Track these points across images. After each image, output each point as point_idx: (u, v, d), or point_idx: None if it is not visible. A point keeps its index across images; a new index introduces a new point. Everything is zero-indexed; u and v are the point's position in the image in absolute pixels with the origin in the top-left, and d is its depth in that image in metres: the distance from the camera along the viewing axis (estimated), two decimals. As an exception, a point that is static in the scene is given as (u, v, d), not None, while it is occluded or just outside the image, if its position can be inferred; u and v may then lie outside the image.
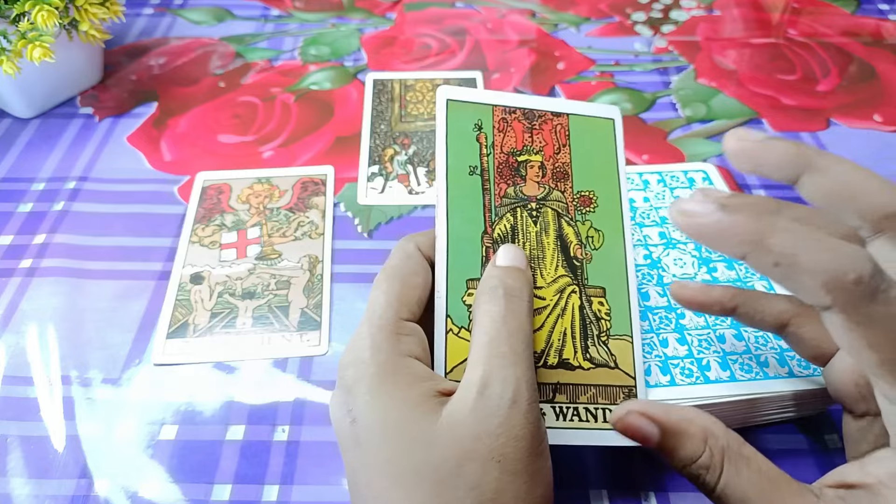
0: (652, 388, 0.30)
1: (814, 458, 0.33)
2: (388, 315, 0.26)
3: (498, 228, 0.28)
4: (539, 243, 0.29)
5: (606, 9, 0.68)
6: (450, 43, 0.63)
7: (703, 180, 0.40)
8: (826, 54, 0.61)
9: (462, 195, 0.28)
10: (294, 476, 0.33)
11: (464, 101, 0.30)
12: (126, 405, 0.36)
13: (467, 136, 0.29)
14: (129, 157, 0.51)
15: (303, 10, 0.68)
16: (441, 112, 0.29)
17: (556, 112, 0.31)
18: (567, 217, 0.29)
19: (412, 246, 0.28)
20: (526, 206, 0.29)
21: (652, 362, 0.31)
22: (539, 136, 0.30)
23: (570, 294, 0.28)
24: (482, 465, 0.22)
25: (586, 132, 0.31)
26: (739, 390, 0.30)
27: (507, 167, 0.29)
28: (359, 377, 0.24)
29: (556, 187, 0.30)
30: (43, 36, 0.46)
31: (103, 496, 0.32)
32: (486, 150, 0.29)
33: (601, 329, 0.28)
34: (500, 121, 0.30)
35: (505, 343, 0.24)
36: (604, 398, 0.27)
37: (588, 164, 0.30)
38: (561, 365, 0.27)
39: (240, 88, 0.57)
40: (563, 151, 0.30)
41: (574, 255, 0.29)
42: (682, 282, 0.31)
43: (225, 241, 0.44)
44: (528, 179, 0.29)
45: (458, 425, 0.22)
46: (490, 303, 0.25)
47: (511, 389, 0.23)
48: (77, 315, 0.40)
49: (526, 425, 0.22)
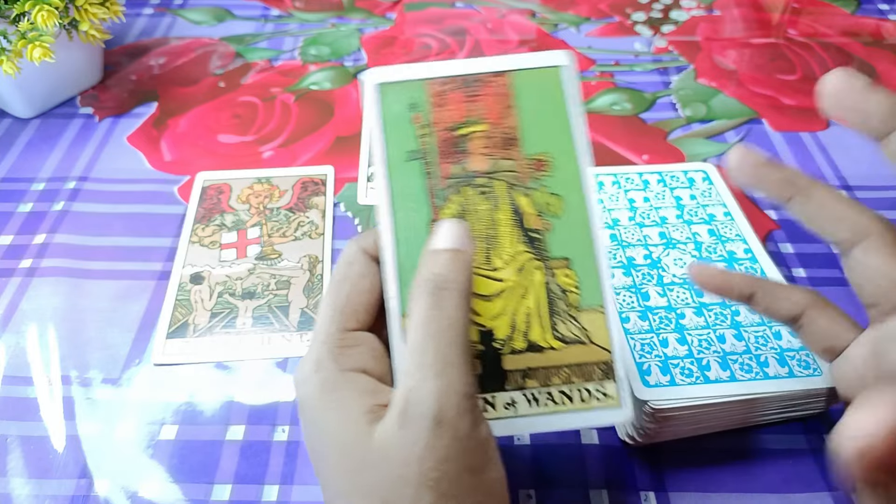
0: (652, 387, 0.30)
1: (814, 458, 0.33)
2: (331, 329, 0.25)
3: (445, 213, 0.26)
4: (492, 221, 0.27)
5: (606, 9, 0.68)
6: (450, 43, 0.63)
7: (703, 180, 0.40)
8: (826, 54, 0.61)
9: (404, 184, 0.26)
10: (294, 476, 0.33)
11: (394, 82, 0.27)
12: (126, 405, 0.36)
13: (403, 120, 0.27)
14: (129, 157, 0.51)
15: (303, 10, 0.68)
16: (371, 99, 0.27)
17: (496, 72, 0.28)
18: (520, 186, 0.27)
19: (355, 251, 0.27)
20: (473, 182, 0.27)
21: (652, 362, 0.31)
22: (481, 103, 0.27)
23: (532, 271, 0.26)
24: (415, 491, 0.21)
25: (532, 87, 0.28)
26: (739, 390, 0.30)
27: (448, 144, 0.27)
28: (304, 395, 0.24)
29: (505, 156, 0.27)
30: (43, 36, 0.46)
31: (103, 496, 0.32)
32: (424, 131, 0.27)
33: (569, 303, 0.26)
34: (436, 95, 0.27)
35: (430, 350, 0.22)
36: (578, 377, 0.26)
37: (538, 124, 0.27)
38: (529, 349, 0.26)
39: (240, 88, 0.57)
40: (508, 115, 0.27)
41: (532, 228, 0.27)
42: (702, 263, 0.30)
43: (225, 241, 0.44)
44: (473, 153, 0.27)
45: (388, 448, 0.22)
46: (416, 302, 0.23)
47: (434, 408, 0.21)
48: (77, 315, 0.40)
49: (454, 443, 0.21)
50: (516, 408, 0.25)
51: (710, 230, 0.37)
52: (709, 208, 0.38)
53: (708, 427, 0.33)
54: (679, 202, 0.39)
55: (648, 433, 0.31)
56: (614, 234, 0.37)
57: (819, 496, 0.32)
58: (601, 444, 0.34)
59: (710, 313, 0.33)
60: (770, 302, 0.29)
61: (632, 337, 0.32)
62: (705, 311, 0.34)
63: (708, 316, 0.33)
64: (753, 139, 0.52)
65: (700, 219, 0.38)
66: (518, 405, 0.26)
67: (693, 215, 0.38)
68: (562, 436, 0.34)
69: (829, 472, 0.33)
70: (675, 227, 0.37)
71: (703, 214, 0.38)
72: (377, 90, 0.27)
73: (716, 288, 0.29)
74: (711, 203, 0.39)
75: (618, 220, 0.38)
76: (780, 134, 0.52)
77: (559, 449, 0.34)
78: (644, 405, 0.30)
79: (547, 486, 0.32)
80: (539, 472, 0.33)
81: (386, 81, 0.27)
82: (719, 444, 0.33)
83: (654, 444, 0.34)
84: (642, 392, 0.30)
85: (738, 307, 0.34)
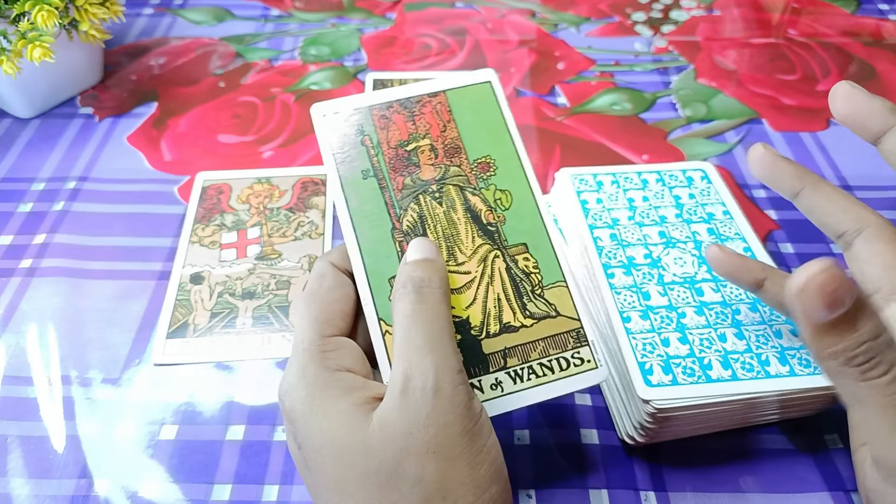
0: (654, 387, 0.30)
1: (814, 458, 0.33)
2: (311, 336, 0.26)
3: (405, 221, 0.29)
4: (450, 221, 0.29)
5: (606, 9, 0.68)
6: (450, 43, 0.63)
7: (702, 179, 0.40)
8: (826, 54, 0.61)
9: (362, 200, 0.29)
10: (294, 476, 0.33)
11: (340, 112, 0.30)
12: (126, 405, 0.36)
13: (352, 143, 0.30)
14: (129, 157, 0.51)
15: (303, 10, 0.68)
16: (320, 129, 0.30)
17: (431, 93, 0.31)
18: (470, 188, 0.30)
19: (324, 265, 0.28)
20: (427, 190, 0.29)
21: (654, 361, 0.31)
22: (422, 121, 0.31)
23: (493, 260, 0.29)
24: (419, 460, 0.22)
25: (467, 102, 0.31)
26: (741, 389, 0.30)
27: (398, 160, 0.30)
28: (293, 403, 0.25)
29: (452, 163, 0.30)
30: (43, 36, 0.46)
31: (103, 496, 0.32)
32: (374, 151, 0.30)
33: (533, 283, 0.29)
34: (380, 118, 0.30)
35: (419, 335, 0.24)
36: (554, 348, 0.28)
37: (477, 131, 0.31)
38: (504, 330, 0.28)
39: (240, 88, 0.57)
40: (448, 127, 0.31)
41: (487, 222, 0.29)
42: (719, 245, 0.31)
43: (225, 241, 0.44)
44: (422, 165, 0.30)
45: (389, 426, 0.23)
46: (401, 301, 0.25)
47: (431, 379, 0.23)
48: (77, 315, 0.40)
49: (453, 409, 0.23)
50: (503, 386, 0.27)
51: (710, 229, 0.37)
52: (708, 207, 0.38)
53: (708, 427, 0.33)
54: (678, 201, 0.39)
55: (649, 433, 0.31)
56: (614, 233, 0.37)
57: (819, 496, 0.32)
58: (601, 444, 0.34)
59: (710, 312, 0.33)
60: (778, 290, 0.30)
61: (633, 336, 0.32)
62: (706, 310, 0.34)
63: (709, 315, 0.33)
64: (753, 139, 0.52)
65: (699, 218, 0.38)
66: (504, 384, 0.27)
67: (692, 214, 0.38)
68: (562, 436, 0.34)
69: (829, 472, 0.33)
70: (675, 226, 0.37)
71: (702, 213, 0.38)
72: (325, 121, 0.30)
73: (731, 270, 0.31)
74: (710, 202, 0.39)
75: (617, 219, 0.38)
76: (780, 134, 0.52)
77: (559, 449, 0.34)
78: (646, 405, 0.30)
79: (547, 486, 0.32)
80: (539, 472, 0.33)
81: (331, 112, 0.30)
82: (719, 444, 0.33)
83: (654, 444, 0.34)
84: (645, 392, 0.30)
85: (738, 306, 0.34)
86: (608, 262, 0.36)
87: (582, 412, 0.35)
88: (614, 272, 0.35)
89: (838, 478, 0.32)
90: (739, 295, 0.34)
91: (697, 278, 0.35)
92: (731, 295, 0.34)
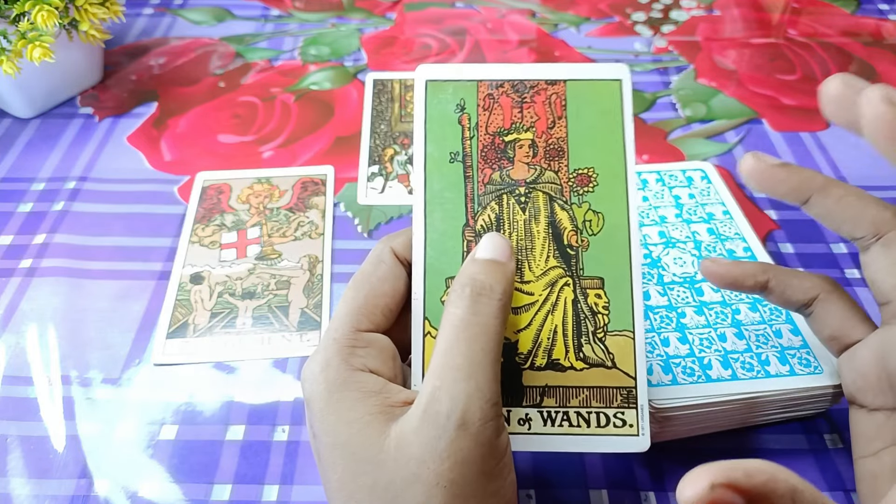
0: (654, 387, 0.30)
1: (814, 458, 0.33)
2: (344, 328, 0.25)
3: (481, 220, 0.26)
4: (528, 233, 0.26)
5: (606, 9, 0.68)
6: (450, 43, 0.63)
7: (702, 179, 0.40)
8: (826, 54, 0.61)
9: (442, 186, 0.26)
10: (294, 476, 0.33)
11: (445, 80, 0.27)
12: (126, 405, 0.36)
13: (448, 120, 0.27)
14: (129, 157, 0.51)
15: (303, 10, 0.68)
16: (419, 95, 0.27)
17: (551, 80, 0.27)
18: (561, 200, 0.26)
19: (386, 250, 0.26)
20: (513, 191, 0.26)
21: (653, 361, 0.31)
22: (530, 111, 0.27)
23: (562, 287, 0.26)
24: (428, 490, 0.21)
25: (587, 99, 0.27)
26: (741, 388, 0.30)
27: (492, 149, 0.27)
28: (312, 393, 0.24)
29: (550, 167, 0.27)
30: (43, 36, 0.46)
31: (103, 496, 0.32)
32: (470, 133, 0.27)
33: (598, 324, 0.26)
34: (486, 97, 0.27)
35: (461, 353, 0.22)
36: (598, 401, 0.25)
37: (588, 137, 0.27)
38: (550, 366, 0.25)
39: (240, 88, 0.57)
40: (558, 125, 0.27)
41: (568, 244, 0.26)
42: (711, 259, 0.30)
43: (225, 241, 0.44)
44: (516, 161, 0.27)
45: (405, 446, 0.21)
46: (454, 304, 0.23)
47: (460, 409, 0.21)
48: (77, 315, 0.40)
49: (475, 448, 0.21)
50: (531, 424, 0.25)
51: (710, 229, 0.37)
52: (707, 207, 0.38)
53: (708, 427, 0.33)
54: (678, 201, 0.39)
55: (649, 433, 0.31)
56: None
57: (819, 496, 0.32)
58: (601, 443, 0.34)
59: (710, 312, 0.33)
60: (784, 289, 0.29)
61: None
62: (706, 309, 0.34)
63: (709, 315, 0.33)
64: (753, 139, 0.52)
65: (699, 218, 0.38)
66: (533, 422, 0.25)
67: (692, 214, 0.38)
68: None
69: (829, 473, 0.33)
70: (675, 226, 0.37)
71: (701, 213, 0.38)
72: (426, 87, 0.27)
73: (732, 281, 0.29)
74: (710, 202, 0.39)
75: (618, 219, 0.38)
76: (780, 134, 0.52)
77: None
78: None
79: (547, 486, 0.32)
80: (539, 472, 0.33)
81: (436, 79, 0.27)
82: (719, 444, 0.33)
83: (653, 444, 0.34)
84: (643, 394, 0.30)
85: (737, 306, 0.34)
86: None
87: (582, 412, 0.35)
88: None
89: (838, 478, 0.32)
90: (739, 295, 0.34)
91: (697, 278, 0.35)
92: (730, 295, 0.34)
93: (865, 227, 0.25)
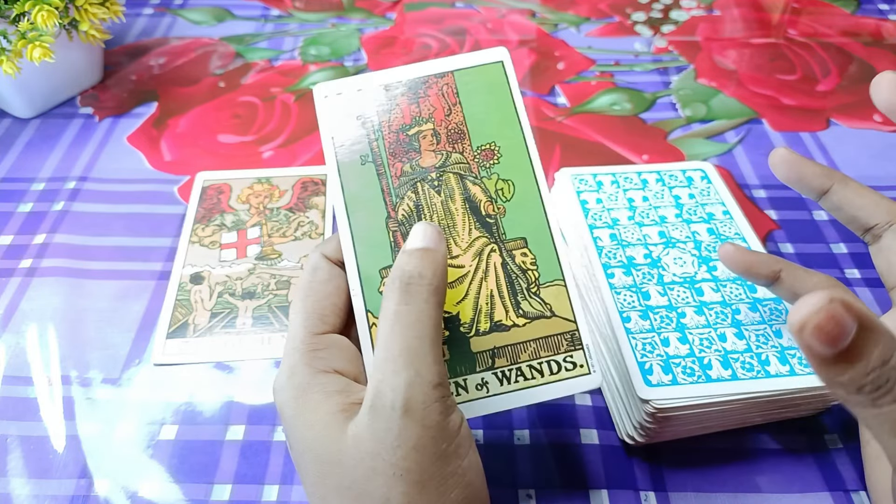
0: (654, 387, 0.30)
1: (814, 458, 0.33)
2: (301, 335, 0.25)
3: (401, 209, 0.28)
4: (447, 211, 0.28)
5: (606, 9, 0.68)
6: (450, 43, 0.63)
7: (702, 179, 0.40)
8: (826, 54, 0.61)
9: (358, 186, 0.28)
10: (294, 476, 0.33)
11: (341, 94, 0.29)
12: (126, 405, 0.36)
13: (352, 127, 0.28)
14: (129, 157, 0.51)
15: (303, 10, 0.68)
16: (320, 110, 0.29)
17: (439, 73, 0.29)
18: (471, 176, 0.28)
19: (318, 257, 0.27)
20: (426, 178, 0.28)
21: (653, 361, 0.31)
22: (426, 104, 0.29)
23: (489, 254, 0.27)
24: (386, 481, 0.22)
25: (476, 83, 0.29)
26: (741, 388, 0.30)
27: (398, 145, 0.28)
28: (282, 402, 0.25)
29: (454, 149, 0.28)
30: (43, 36, 0.46)
31: (103, 496, 0.32)
32: (374, 135, 0.28)
33: (529, 280, 0.27)
34: (384, 101, 0.29)
35: (397, 343, 0.22)
36: (546, 350, 0.27)
37: (484, 116, 0.29)
38: (494, 328, 0.27)
39: (240, 88, 0.57)
40: (454, 111, 0.29)
41: (486, 213, 0.28)
42: (731, 243, 0.32)
43: (225, 241, 0.44)
44: (423, 151, 0.28)
45: (360, 442, 0.22)
46: (387, 298, 0.24)
47: (401, 397, 0.21)
48: (77, 315, 0.40)
49: (424, 432, 0.22)
50: (488, 387, 0.26)
51: (710, 229, 0.37)
52: (708, 207, 0.38)
53: (708, 427, 0.33)
54: (678, 201, 0.39)
55: (649, 433, 0.31)
56: (614, 233, 0.37)
57: (819, 496, 0.32)
58: (601, 444, 0.34)
59: (710, 312, 0.33)
60: (793, 282, 0.30)
61: (633, 336, 0.32)
62: (706, 309, 0.34)
63: (709, 315, 0.33)
64: (753, 139, 0.52)
65: (699, 218, 0.38)
66: (490, 384, 0.26)
67: (692, 214, 0.38)
68: (562, 436, 0.34)
69: (829, 472, 0.33)
70: (675, 226, 0.37)
71: (701, 213, 0.38)
72: (327, 102, 0.29)
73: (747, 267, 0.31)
74: (710, 202, 0.39)
75: (617, 219, 0.38)
76: (780, 134, 0.52)
77: (559, 449, 0.34)
78: (646, 404, 0.30)
79: (547, 486, 0.32)
80: (539, 472, 0.33)
81: (332, 92, 0.29)
82: (719, 444, 0.33)
83: (654, 444, 0.34)
84: (644, 391, 0.30)
85: (737, 306, 0.34)
86: (608, 262, 0.36)
87: (582, 412, 0.35)
88: (614, 272, 0.35)
89: (838, 478, 0.32)
90: (739, 295, 0.34)
91: (697, 278, 0.35)
92: (730, 295, 0.34)
93: (882, 215, 0.28)
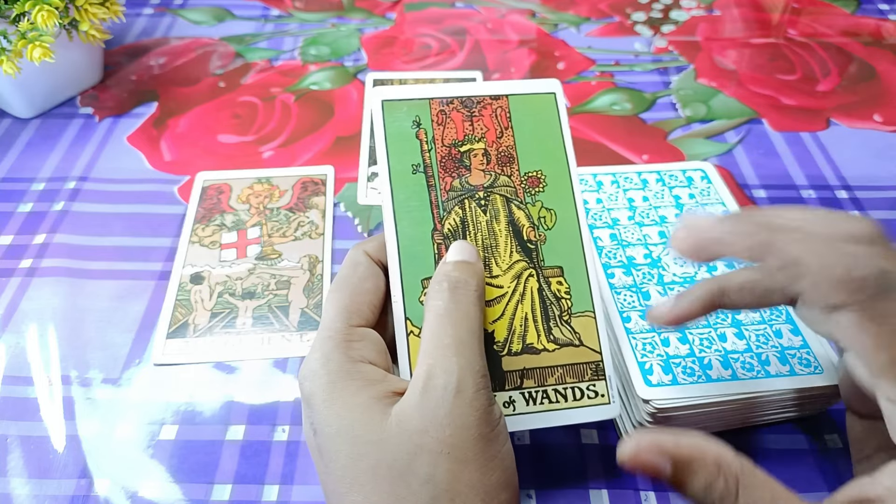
0: (654, 386, 0.30)
1: (814, 458, 0.33)
2: (338, 324, 0.26)
3: (447, 223, 0.28)
4: (490, 232, 0.29)
5: (606, 9, 0.68)
6: (450, 43, 0.63)
7: (702, 179, 0.40)
8: (826, 54, 0.61)
9: (407, 195, 0.28)
10: (294, 476, 0.33)
11: (399, 100, 0.30)
12: (126, 405, 0.36)
13: (407, 135, 0.29)
14: (129, 157, 0.51)
15: (303, 10, 0.68)
16: (377, 114, 0.29)
17: (494, 95, 0.30)
18: (517, 201, 0.29)
19: (360, 253, 0.28)
20: (474, 196, 0.29)
21: (654, 361, 0.31)
22: (479, 123, 0.30)
23: (527, 278, 0.28)
24: (432, 458, 0.22)
25: (528, 111, 0.30)
26: (741, 388, 0.30)
27: (450, 160, 0.29)
28: (313, 388, 0.25)
29: (503, 172, 0.29)
30: (43, 36, 0.46)
31: (103, 496, 0.32)
32: (428, 146, 0.29)
33: (562, 308, 0.28)
34: (439, 113, 0.30)
35: (448, 334, 0.24)
36: (571, 377, 0.28)
37: (533, 143, 0.30)
38: (525, 350, 0.28)
39: (240, 88, 0.57)
40: (505, 135, 0.30)
41: (528, 239, 0.29)
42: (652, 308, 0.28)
43: (225, 241, 0.44)
44: (472, 169, 0.29)
45: (407, 421, 0.23)
46: (434, 298, 0.25)
47: (454, 379, 0.23)
48: (77, 315, 0.40)
49: (472, 413, 0.23)
50: (514, 406, 0.27)
51: (711, 230, 0.37)
52: (708, 207, 0.38)
53: (708, 427, 0.33)
54: (678, 201, 0.39)
55: (649, 433, 0.31)
56: (614, 233, 0.37)
57: (819, 496, 0.32)
58: (601, 444, 0.34)
59: (710, 313, 0.33)
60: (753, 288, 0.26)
61: (633, 336, 0.32)
62: (705, 310, 0.33)
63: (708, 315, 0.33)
64: (753, 139, 0.52)
65: (700, 218, 0.38)
66: (516, 403, 0.27)
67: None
68: (562, 436, 0.34)
69: (829, 472, 0.33)
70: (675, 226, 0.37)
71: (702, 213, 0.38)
72: (382, 107, 0.29)
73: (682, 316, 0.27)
74: (710, 202, 0.39)
75: (617, 219, 0.38)
76: (780, 134, 0.52)
77: (559, 449, 0.34)
78: (646, 404, 0.30)
79: (547, 486, 0.32)
80: (539, 472, 0.33)
81: (391, 98, 0.30)
82: (720, 444, 0.33)
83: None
84: (644, 391, 0.30)
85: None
86: (608, 262, 0.36)
87: (582, 412, 0.35)
88: (614, 272, 0.35)
89: (838, 478, 0.32)
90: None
91: (697, 278, 0.35)
92: (731, 295, 0.34)
93: None
